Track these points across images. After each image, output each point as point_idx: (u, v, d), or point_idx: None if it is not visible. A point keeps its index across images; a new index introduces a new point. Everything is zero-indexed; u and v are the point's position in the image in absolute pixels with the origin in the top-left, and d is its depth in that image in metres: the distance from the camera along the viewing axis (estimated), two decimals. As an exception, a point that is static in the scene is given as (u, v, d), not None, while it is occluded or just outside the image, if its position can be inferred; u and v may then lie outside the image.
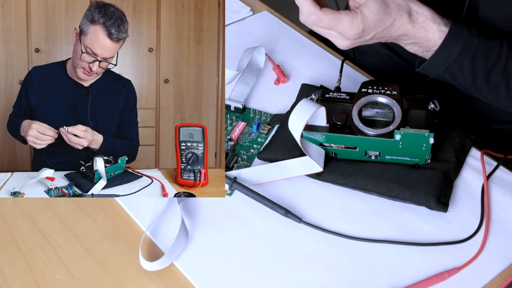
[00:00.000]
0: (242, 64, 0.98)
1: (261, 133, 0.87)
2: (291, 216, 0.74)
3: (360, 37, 0.74)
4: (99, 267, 0.70)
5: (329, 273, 0.69)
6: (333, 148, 0.79)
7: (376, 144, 0.76)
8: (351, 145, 0.78)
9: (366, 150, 0.78)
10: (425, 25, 0.76)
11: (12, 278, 0.69)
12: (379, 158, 0.78)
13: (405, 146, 0.75)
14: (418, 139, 0.74)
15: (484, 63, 0.77)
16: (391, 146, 0.76)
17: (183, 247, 0.71)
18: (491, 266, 0.70)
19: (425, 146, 0.75)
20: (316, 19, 0.72)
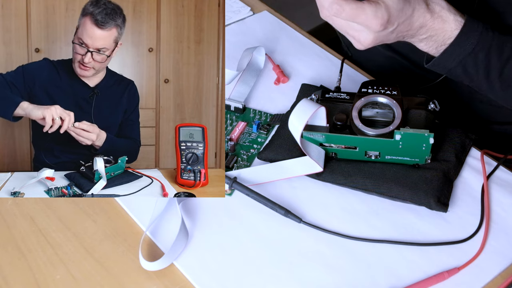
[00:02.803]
0: (242, 64, 0.98)
1: (261, 133, 0.87)
2: (291, 216, 0.74)
3: (385, 28, 0.72)
4: (99, 267, 0.70)
5: (329, 273, 0.69)
6: (333, 148, 0.79)
7: (376, 144, 0.76)
8: (351, 145, 0.78)
9: (366, 150, 0.78)
10: (442, 15, 0.75)
11: (12, 278, 0.69)
12: (379, 158, 0.78)
13: (405, 146, 0.75)
14: (418, 139, 0.74)
15: (499, 57, 0.76)
16: (391, 146, 0.76)
17: (183, 247, 0.71)
18: (491, 266, 0.70)
19: (425, 146, 0.75)
20: (338, 8, 0.70)
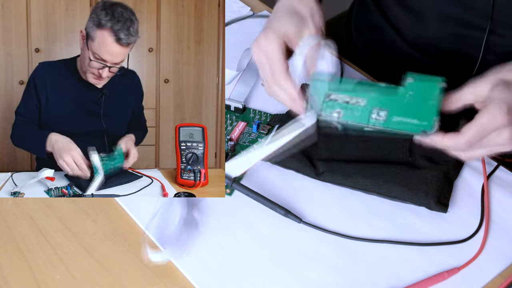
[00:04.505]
0: (242, 64, 0.98)
1: (261, 133, 0.87)
2: (291, 216, 0.74)
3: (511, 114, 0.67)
4: (99, 267, 0.70)
5: (329, 273, 0.69)
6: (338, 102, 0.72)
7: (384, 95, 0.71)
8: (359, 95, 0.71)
9: (373, 106, 0.71)
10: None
11: (12, 278, 0.69)
12: (386, 121, 0.70)
13: (414, 98, 0.70)
14: (429, 84, 0.70)
15: None
16: (399, 99, 0.70)
17: (192, 239, 0.72)
18: (491, 266, 0.70)
19: (434, 99, 0.69)
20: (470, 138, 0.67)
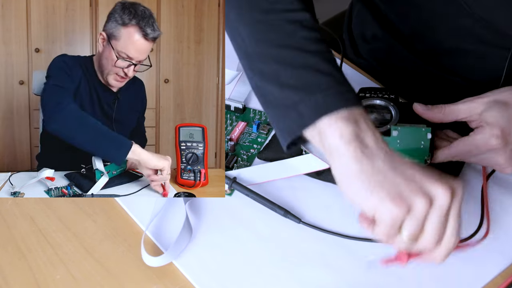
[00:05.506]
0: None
1: (261, 133, 0.87)
2: (290, 216, 0.74)
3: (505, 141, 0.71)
4: (99, 267, 0.70)
5: (329, 273, 0.69)
6: None
7: None
8: None
9: None
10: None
11: (12, 278, 0.69)
12: None
13: (403, 144, 0.75)
14: (416, 134, 0.74)
15: None
16: (389, 145, 0.75)
17: (187, 242, 0.71)
18: (491, 266, 0.70)
19: (423, 144, 0.74)
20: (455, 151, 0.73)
